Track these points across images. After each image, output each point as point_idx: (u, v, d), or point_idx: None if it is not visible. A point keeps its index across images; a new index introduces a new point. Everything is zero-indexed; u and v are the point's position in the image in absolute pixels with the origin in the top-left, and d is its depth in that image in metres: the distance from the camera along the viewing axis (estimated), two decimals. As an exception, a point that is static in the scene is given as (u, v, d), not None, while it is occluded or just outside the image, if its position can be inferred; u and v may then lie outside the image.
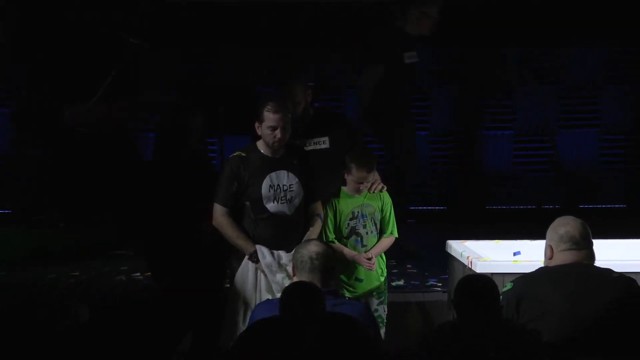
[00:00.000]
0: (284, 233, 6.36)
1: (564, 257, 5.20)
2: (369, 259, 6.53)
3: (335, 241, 6.56)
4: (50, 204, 10.11)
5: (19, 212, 10.22)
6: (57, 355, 6.08)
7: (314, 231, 6.44)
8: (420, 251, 8.43)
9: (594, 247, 5.28)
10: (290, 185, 6.39)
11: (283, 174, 6.39)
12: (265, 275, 6.32)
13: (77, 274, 8.15)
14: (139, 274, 8.05)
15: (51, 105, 9.71)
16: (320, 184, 6.60)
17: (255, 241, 6.35)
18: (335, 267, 5.78)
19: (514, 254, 6.57)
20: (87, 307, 6.91)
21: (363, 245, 6.61)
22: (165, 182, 6.73)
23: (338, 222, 6.61)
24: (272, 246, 6.33)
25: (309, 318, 4.86)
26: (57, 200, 10.10)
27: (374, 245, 6.63)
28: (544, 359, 4.77)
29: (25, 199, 10.23)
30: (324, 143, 7.02)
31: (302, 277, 5.48)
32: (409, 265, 8.20)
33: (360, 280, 6.63)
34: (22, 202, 10.25)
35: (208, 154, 7.41)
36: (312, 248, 5.57)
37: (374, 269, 6.55)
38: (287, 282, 6.09)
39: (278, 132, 6.32)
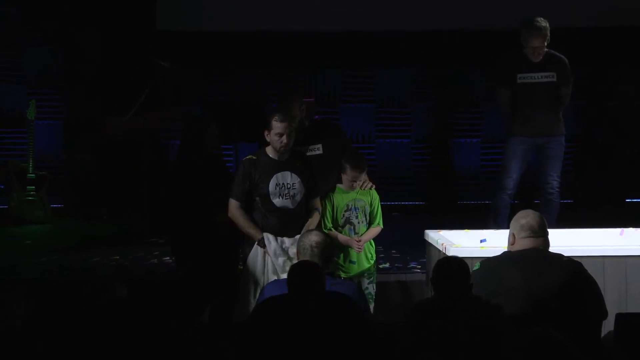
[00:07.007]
0: (287, 223, 6.31)
1: (523, 244, 5.17)
2: (358, 241, 6.49)
3: (332, 229, 6.51)
4: (96, 200, 10.08)
5: (70, 206, 10.19)
6: (100, 325, 6.02)
7: (313, 222, 6.39)
8: None
9: (549, 236, 5.25)
10: (293, 183, 6.34)
11: (287, 174, 6.34)
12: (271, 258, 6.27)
13: (118, 257, 8.10)
14: (169, 258, 7.99)
15: (96, 117, 9.72)
16: (318, 183, 6.54)
17: (264, 230, 6.31)
18: (332, 254, 5.78)
19: (481, 241, 6.53)
20: (126, 285, 6.87)
21: (355, 233, 6.55)
22: (187, 182, 6.71)
23: (335, 213, 6.56)
24: (278, 234, 6.29)
25: (312, 294, 4.82)
26: (101, 197, 10.08)
27: (364, 233, 6.57)
28: (504, 329, 4.71)
29: (75, 195, 10.20)
30: (318, 149, 7.02)
31: (304, 262, 5.44)
32: (393, 251, 8.15)
33: (353, 263, 6.57)
34: (72, 198, 10.22)
35: (223, 158, 7.37)
36: (312, 237, 5.55)
37: (361, 251, 6.51)
38: (288, 264, 6.06)
39: (284, 139, 6.29)
